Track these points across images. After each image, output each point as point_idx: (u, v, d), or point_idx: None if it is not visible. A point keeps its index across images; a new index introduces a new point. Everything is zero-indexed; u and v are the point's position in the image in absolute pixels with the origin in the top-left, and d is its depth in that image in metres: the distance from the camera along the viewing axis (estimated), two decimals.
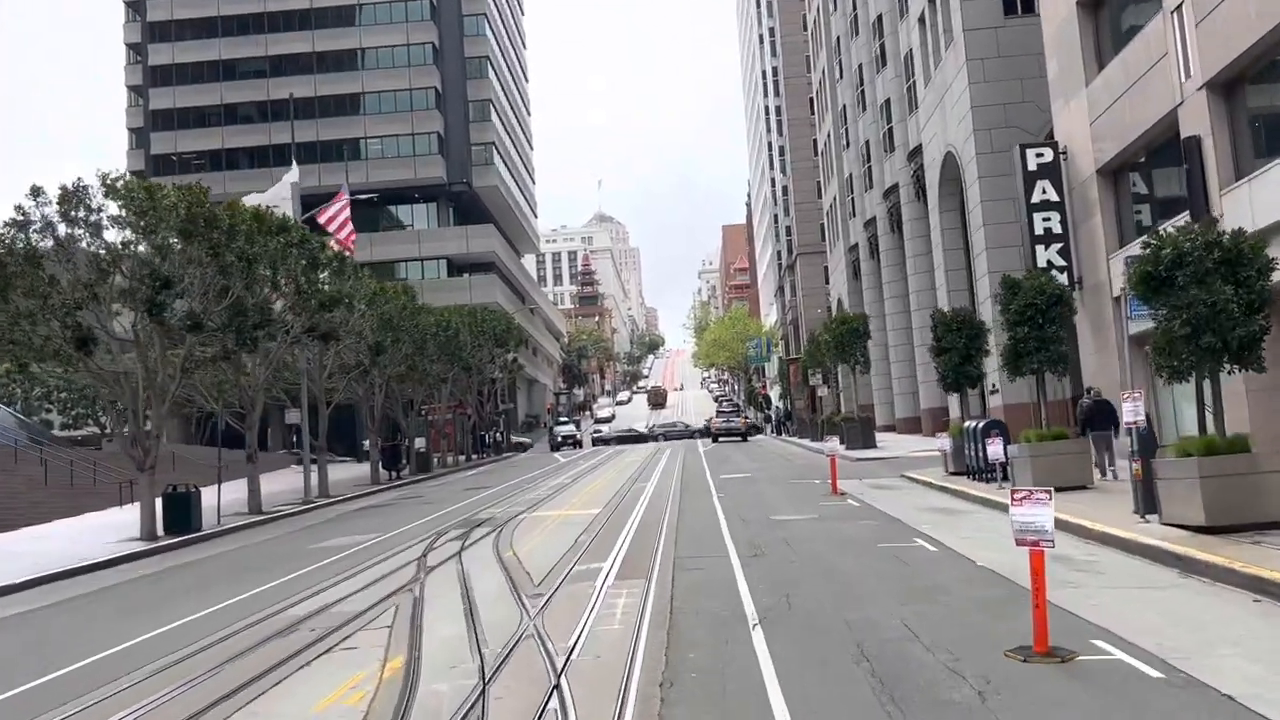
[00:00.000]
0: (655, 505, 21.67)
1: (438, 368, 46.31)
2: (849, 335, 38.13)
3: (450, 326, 45.36)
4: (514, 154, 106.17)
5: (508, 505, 25.03)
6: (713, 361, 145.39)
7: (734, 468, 33.07)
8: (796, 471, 29.73)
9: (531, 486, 31.51)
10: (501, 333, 55.56)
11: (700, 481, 27.62)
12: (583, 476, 34.46)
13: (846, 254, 61.47)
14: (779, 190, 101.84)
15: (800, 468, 31.59)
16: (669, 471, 32.90)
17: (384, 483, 39.39)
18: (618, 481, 30.28)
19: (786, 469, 31.32)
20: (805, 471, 29.36)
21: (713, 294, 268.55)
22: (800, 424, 56.08)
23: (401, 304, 38.36)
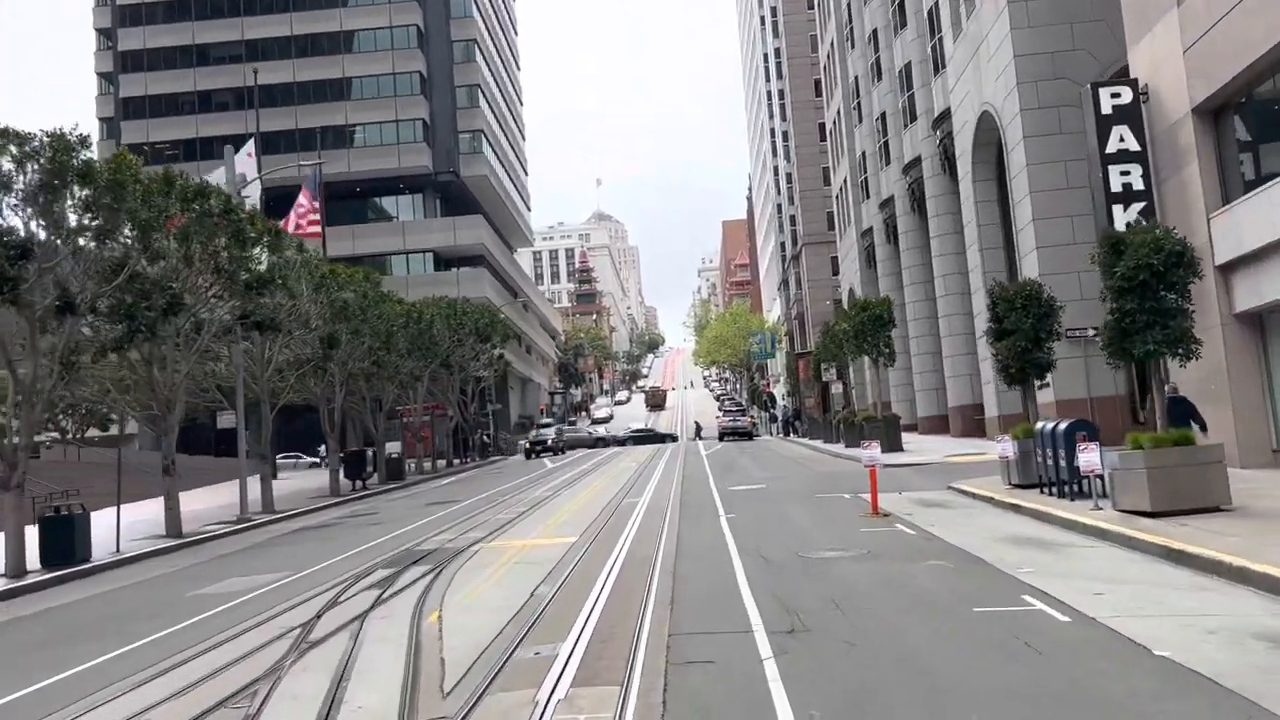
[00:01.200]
0: (647, 532, 16.98)
1: (410, 364, 41.60)
2: (871, 324, 33.46)
3: (422, 318, 40.65)
4: (504, 143, 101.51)
5: (467, 528, 20.32)
6: (714, 359, 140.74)
7: (743, 476, 28.36)
8: (817, 481, 25.03)
9: (505, 500, 26.82)
10: (485, 327, 50.84)
11: (704, 496, 22.90)
12: (567, 487, 29.78)
13: (859, 240, 56.78)
14: (782, 179, 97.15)
15: (820, 476, 26.88)
16: (666, 482, 28.21)
17: (344, 494, 34.68)
18: (606, 493, 25.60)
19: (805, 478, 26.61)
20: (828, 481, 24.65)
21: (713, 291, 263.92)
22: (811, 424, 51.38)
23: (362, 291, 33.63)
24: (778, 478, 26.79)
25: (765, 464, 33.64)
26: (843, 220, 63.36)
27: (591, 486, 29.15)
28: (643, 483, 28.55)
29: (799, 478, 26.66)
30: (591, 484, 30.33)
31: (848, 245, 61.17)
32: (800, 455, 38.74)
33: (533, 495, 27.53)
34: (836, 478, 25.60)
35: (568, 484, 31.10)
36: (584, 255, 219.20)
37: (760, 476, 27.65)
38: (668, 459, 41.33)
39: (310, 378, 31.88)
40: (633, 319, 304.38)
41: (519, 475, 38.54)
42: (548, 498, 26.25)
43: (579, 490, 28.13)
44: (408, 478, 42.70)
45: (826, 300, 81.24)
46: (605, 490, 26.94)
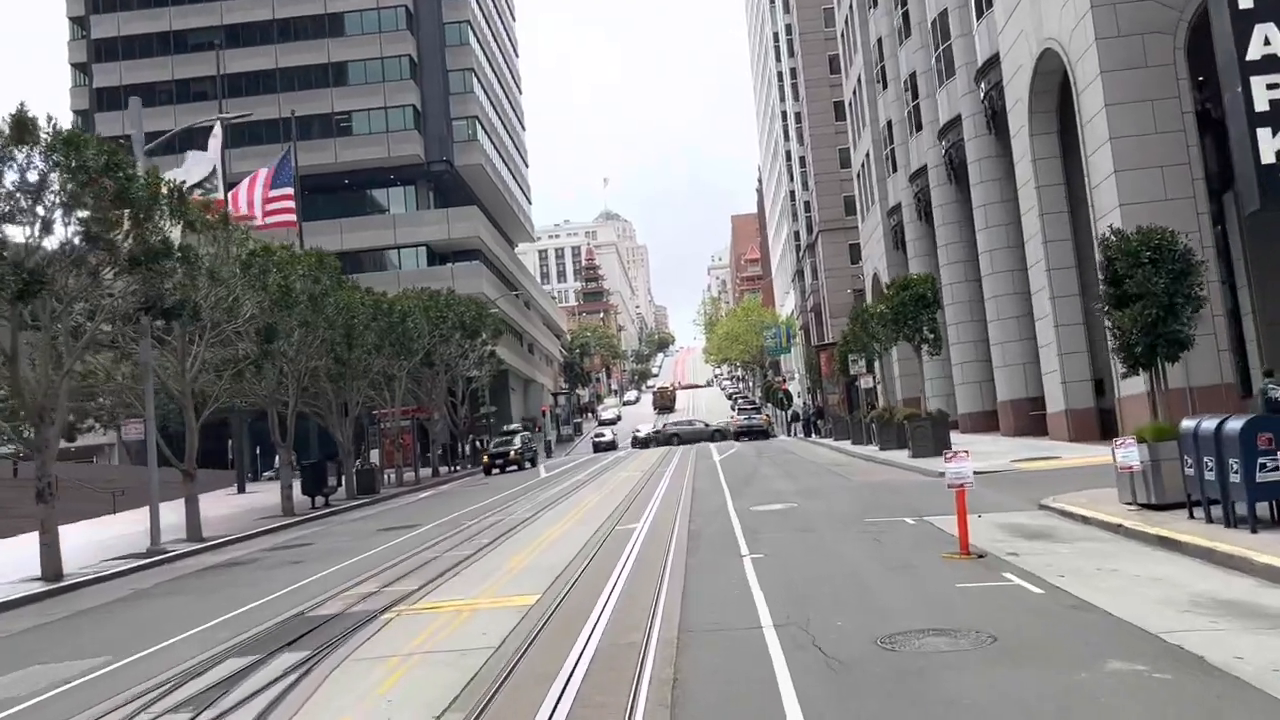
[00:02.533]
0: (639, 585, 11.85)
1: (381, 362, 36.57)
2: (912, 305, 28.28)
3: (394, 310, 35.57)
4: (502, 131, 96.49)
5: (402, 572, 15.22)
6: (725, 357, 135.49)
7: (766, 490, 23.17)
8: (861, 497, 19.86)
9: (473, 525, 21.72)
10: (472, 320, 45.74)
11: (719, 521, 17.72)
12: (554, 504, 24.68)
13: (885, 219, 51.51)
14: (795, 163, 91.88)
15: (863, 489, 21.69)
16: (673, 497, 23.07)
17: (299, 513, 29.66)
18: (597, 515, 20.50)
19: (845, 492, 21.41)
20: (876, 497, 19.47)
21: (723, 289, 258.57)
22: (837, 423, 46.15)
23: (313, 276, 28.56)
24: (810, 492, 21.59)
25: (791, 472, 28.44)
26: (865, 200, 58.09)
27: (582, 504, 24.05)
28: (644, 498, 23.43)
29: (837, 492, 21.46)
30: (583, 500, 25.24)
31: (871, 226, 55.90)
32: (830, 460, 33.51)
33: (508, 518, 22.41)
34: (885, 491, 20.43)
35: (556, 500, 25.99)
36: (590, 252, 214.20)
37: (788, 490, 22.45)
38: (676, 465, 36.20)
39: (247, 378, 26.82)
40: (642, 318, 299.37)
41: (504, 488, 33.42)
42: (525, 521, 21.11)
43: (566, 510, 23.03)
44: (382, 491, 37.66)
45: (847, 290, 76.01)
46: (597, 510, 21.83)
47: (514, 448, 46.31)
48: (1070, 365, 28.50)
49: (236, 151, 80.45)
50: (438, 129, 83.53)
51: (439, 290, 45.51)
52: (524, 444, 47.50)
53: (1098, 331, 28.95)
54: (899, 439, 33.92)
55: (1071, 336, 28.57)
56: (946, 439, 28.85)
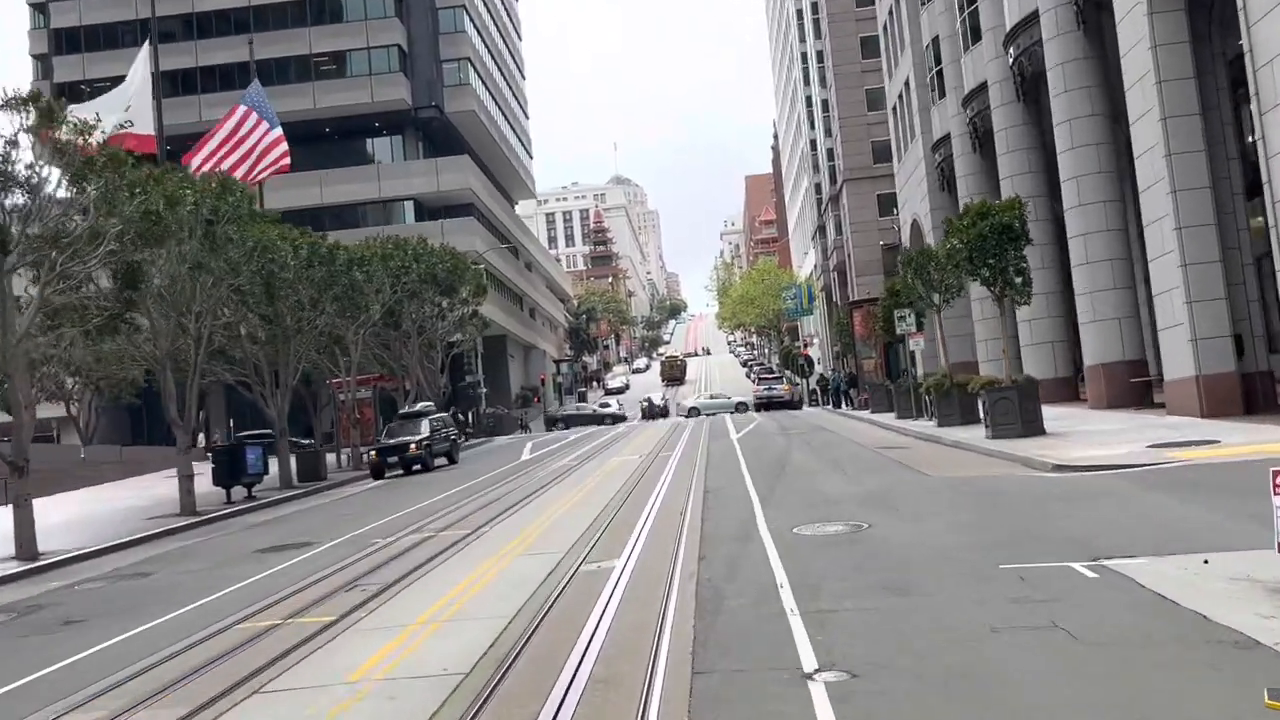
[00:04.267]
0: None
1: (326, 321, 29.89)
2: (995, 237, 21.32)
3: (336, 257, 28.78)
4: (498, 77, 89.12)
5: (198, 662, 8.60)
6: (740, 322, 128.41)
7: (809, 491, 16.30)
8: (962, 508, 12.98)
9: (391, 545, 15.12)
10: (447, 274, 38.94)
11: (747, 565, 10.60)
12: (517, 509, 18.02)
13: (928, 156, 44.36)
14: (817, 109, 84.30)
15: (956, 494, 14.78)
16: (673, 504, 16.27)
17: (201, 511, 23.13)
18: (559, 538, 13.82)
19: (929, 497, 14.43)
20: (985, 510, 12.61)
21: (736, 253, 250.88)
22: (875, 393, 39.29)
23: (210, 205, 21.76)
24: (879, 499, 14.68)
25: (836, 460, 21.60)
26: (902, 137, 50.84)
27: (553, 506, 17.38)
28: (637, 502, 16.72)
29: (918, 497, 14.56)
30: (559, 499, 18.56)
31: (910, 166, 48.71)
32: (880, 441, 26.67)
33: (443, 533, 15.72)
34: (990, 499, 13.58)
35: (522, 501, 19.28)
36: (598, 214, 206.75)
37: (843, 493, 15.60)
38: (685, 446, 29.51)
39: (104, 336, 20.16)
40: (653, 284, 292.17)
41: (471, 476, 26.74)
42: (458, 544, 14.38)
43: (528, 517, 16.35)
44: (330, 476, 31.09)
45: (876, 243, 68.88)
46: (567, 523, 15.12)
47: (415, 439, 30.02)
48: (1204, 317, 21.57)
49: (208, 96, 74.06)
50: (426, 71, 76.37)
51: (406, 238, 38.71)
52: (434, 432, 31.23)
53: (1237, 272, 21.99)
54: (963, 413, 27.16)
55: (1205, 279, 21.62)
56: (1038, 415, 22.05)
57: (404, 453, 29.80)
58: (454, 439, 33.86)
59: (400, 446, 29.92)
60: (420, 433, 30.71)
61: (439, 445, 31.72)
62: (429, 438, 30.71)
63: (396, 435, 30.87)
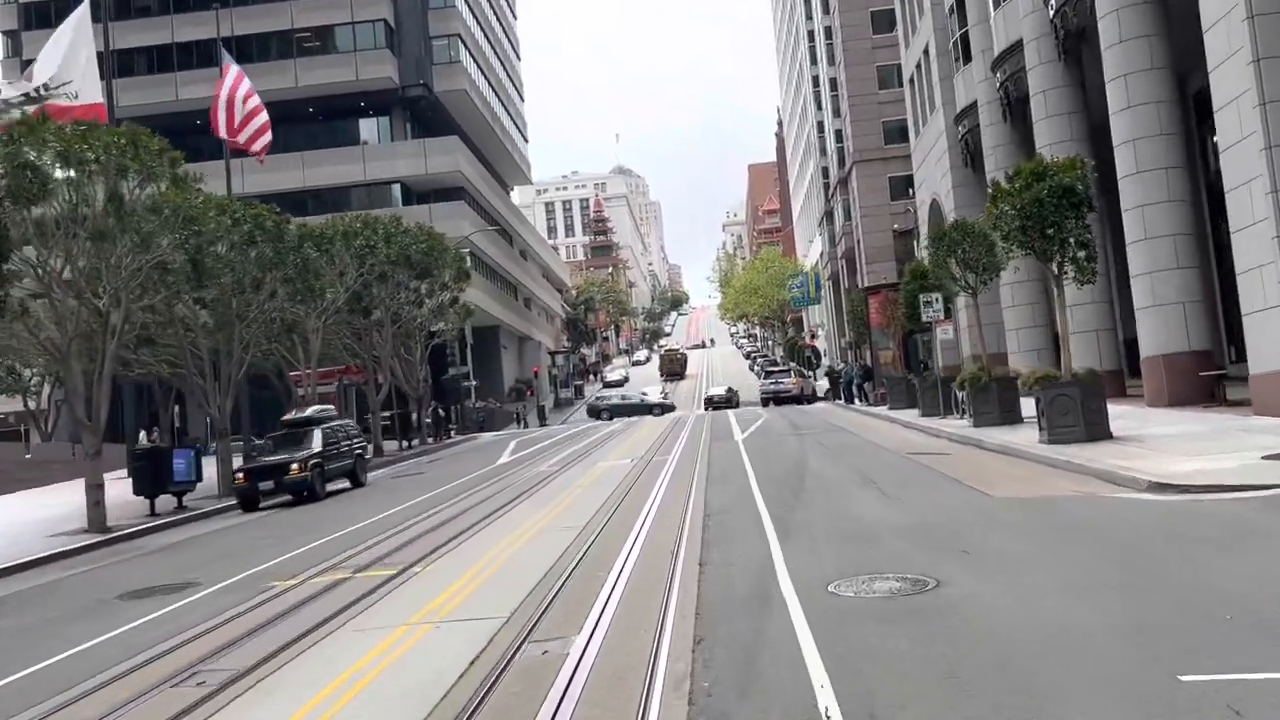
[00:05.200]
0: None
1: (275, 306, 26.28)
2: (1054, 204, 17.66)
3: (284, 233, 25.11)
4: (491, 56, 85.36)
5: None
6: (743, 312, 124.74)
7: (842, 518, 12.46)
8: (1065, 559, 9.38)
9: (320, 574, 11.62)
10: (421, 256, 35.31)
11: (773, 649, 7.24)
12: (473, 532, 14.47)
13: (950, 128, 40.70)
14: (825, 89, 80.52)
15: (1044, 529, 11.28)
16: (660, 540, 12.63)
17: (114, 528, 19.61)
18: (526, 571, 10.33)
19: (1006, 534, 10.86)
20: (1101, 565, 8.92)
21: (738, 244, 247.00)
22: (894, 387, 35.65)
23: (114, 162, 18.16)
24: (935, 530, 10.92)
25: (864, 471, 17.97)
26: (920, 111, 47.13)
27: (511, 535, 13.80)
28: (616, 531, 13.16)
29: (992, 528, 10.98)
30: (521, 524, 14.98)
31: (929, 142, 45.03)
32: (909, 444, 23.04)
33: (363, 574, 12.15)
34: (1110, 538, 9.93)
35: (476, 525, 15.70)
36: (599, 203, 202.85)
37: (885, 521, 11.91)
38: (682, 451, 25.96)
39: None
40: (655, 276, 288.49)
41: (429, 487, 23.13)
42: (374, 594, 10.79)
43: (477, 550, 12.77)
44: None
45: (887, 229, 65.23)
46: (526, 562, 11.56)
47: (300, 457, 22.48)
48: None
49: (184, 74, 70.36)
50: (414, 48, 72.65)
51: (376, 216, 35.09)
52: (329, 446, 23.79)
53: None
54: (1003, 411, 23.60)
55: None
56: (1103, 416, 18.43)
57: (283, 475, 22.09)
58: (359, 453, 25.80)
59: (278, 467, 22.22)
60: (309, 447, 22.91)
61: (336, 464, 24.00)
62: (319, 455, 22.83)
63: (276, 451, 23.30)
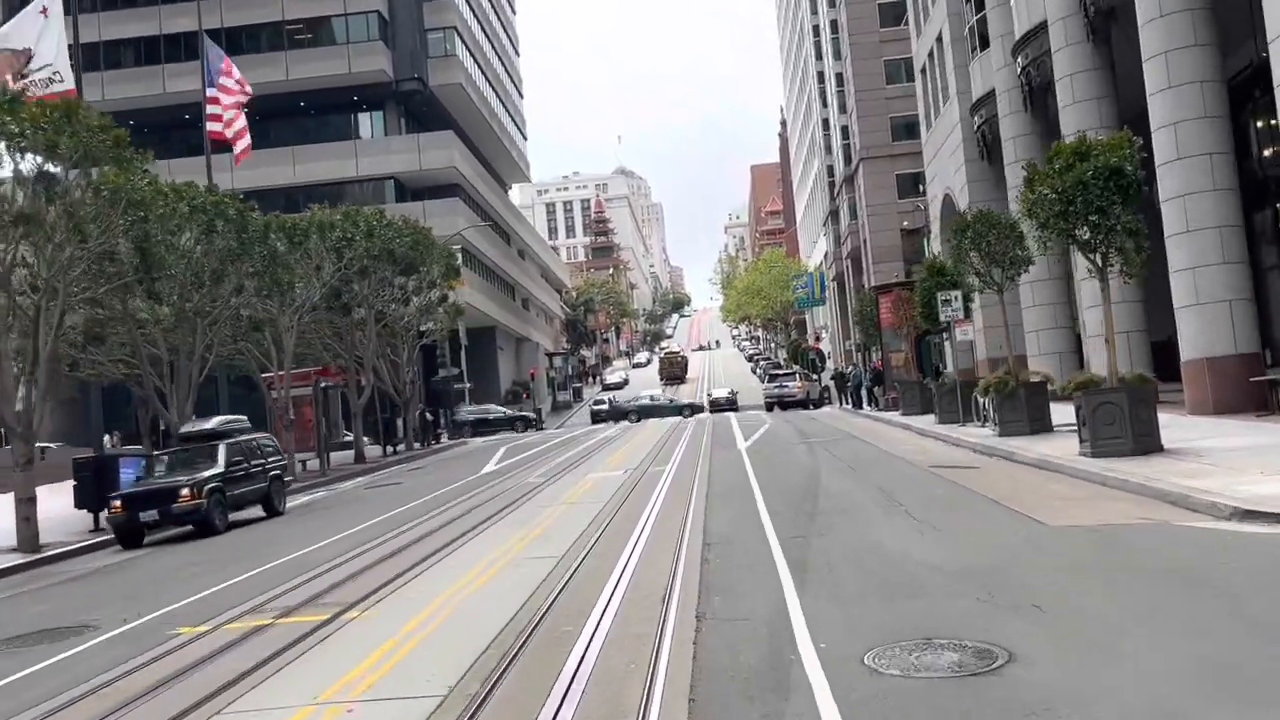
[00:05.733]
0: None
1: (242, 302, 24.24)
2: (1100, 186, 15.57)
3: (248, 223, 23.03)
4: (488, 50, 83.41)
5: None
6: (745, 314, 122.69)
7: (872, 552, 10.34)
8: (1182, 613, 7.28)
9: (237, 618, 9.58)
10: (406, 250, 33.27)
11: None
12: (429, 564, 12.44)
13: (966, 119, 38.68)
14: (830, 84, 78.52)
15: (1102, 557, 9.30)
16: (651, 573, 10.64)
17: (38, 548, 17.58)
18: (484, 621, 8.33)
19: (1084, 581, 8.87)
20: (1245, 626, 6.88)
21: (740, 246, 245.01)
22: (906, 391, 33.55)
23: (41, 139, 16.12)
24: (989, 576, 8.63)
25: (884, 487, 15.90)
26: (932, 102, 45.09)
27: (475, 569, 11.74)
28: (598, 566, 11.12)
29: (1061, 573, 8.87)
30: (490, 551, 12.93)
31: (942, 134, 42.98)
32: (930, 454, 20.97)
33: (286, 621, 10.10)
34: (1221, 589, 7.80)
35: (437, 554, 13.66)
36: (599, 203, 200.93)
37: (924, 559, 9.70)
38: (679, 463, 23.91)
39: None
40: (656, 277, 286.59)
41: (400, 500, 21.06)
42: (292, 650, 8.73)
43: (428, 591, 10.72)
44: None
45: (895, 228, 63.23)
46: (484, 610, 9.51)
47: (192, 481, 18.19)
48: None
49: (172, 66, 68.42)
50: (409, 41, 70.71)
51: (358, 208, 33.07)
52: (233, 467, 19.23)
53: None
54: (1032, 420, 21.58)
55: None
56: (1154, 426, 16.37)
57: (169, 504, 17.65)
58: (276, 474, 20.88)
59: (164, 493, 17.81)
60: (209, 468, 18.55)
61: (243, 489, 19.27)
62: (220, 478, 18.39)
63: (170, 472, 18.83)
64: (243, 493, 19.50)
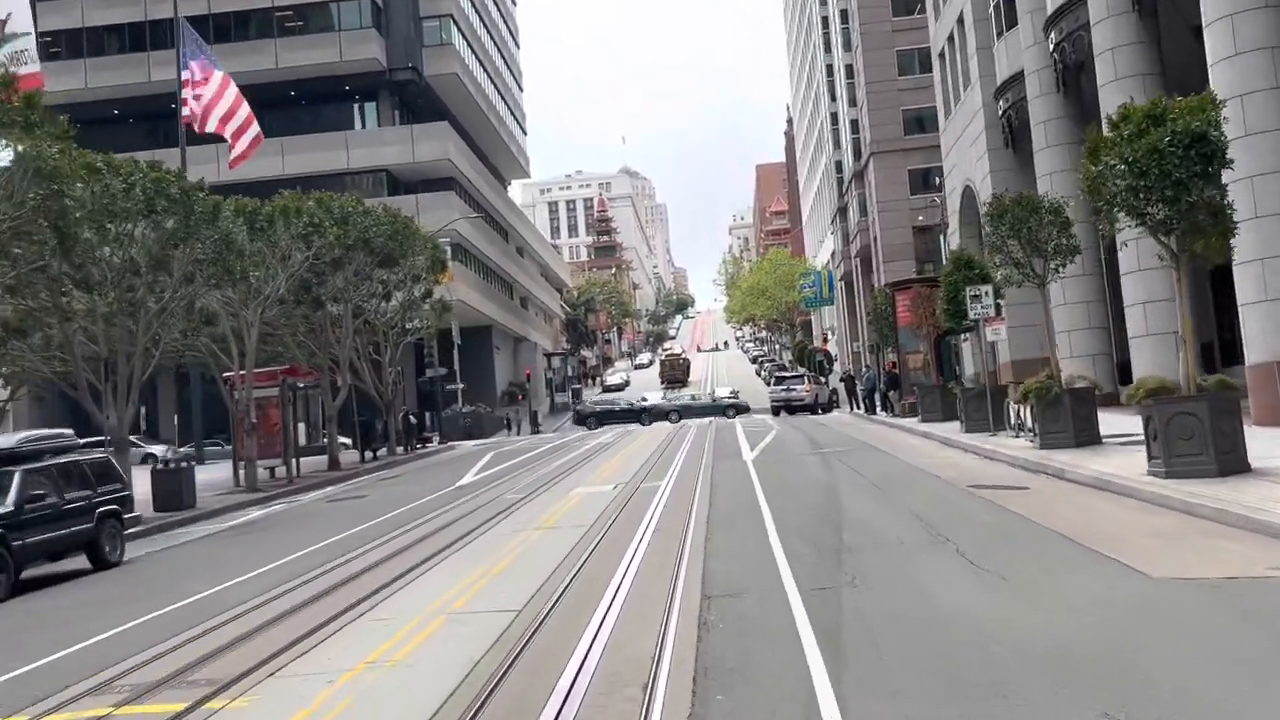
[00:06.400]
0: None
1: (194, 292, 21.71)
2: (1180, 154, 13.05)
3: (194, 201, 20.49)
4: (486, 40, 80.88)
5: None
6: (750, 315, 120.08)
7: (926, 615, 7.79)
8: None
9: (72, 701, 7.00)
10: (384, 241, 30.74)
11: None
12: (355, 615, 9.93)
13: (989, 106, 36.11)
14: (839, 76, 75.91)
15: (1261, 645, 6.82)
16: (628, 650, 8.18)
17: None
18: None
19: (1259, 689, 6.39)
20: None
21: (745, 247, 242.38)
22: (926, 396, 30.94)
23: None
24: (1109, 668, 6.34)
25: (920, 514, 13.28)
26: (952, 89, 42.48)
27: (410, 623, 9.22)
28: (563, 628, 8.60)
29: (1194, 654, 6.38)
30: (437, 596, 10.42)
31: (962, 122, 40.39)
32: (963, 469, 18.41)
33: (126, 710, 7.56)
34: None
35: (374, 595, 11.13)
36: (602, 202, 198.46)
37: (1003, 631, 7.11)
38: (679, 472, 21.36)
39: None
40: (660, 278, 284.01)
41: (355, 520, 18.51)
42: None
43: (345, 657, 8.19)
44: (211, 504, 22.92)
45: (907, 225, 60.64)
46: (404, 697, 6.98)
47: None
48: None
49: (158, 54, 65.95)
50: (403, 29, 68.19)
51: (331, 194, 30.60)
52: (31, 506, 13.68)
53: None
54: (1078, 430, 19.00)
55: None
56: (1239, 441, 13.80)
57: None
58: (110, 510, 15.37)
59: None
60: None
61: (49, 533, 14.05)
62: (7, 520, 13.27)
63: None
64: (49, 539, 14.07)
